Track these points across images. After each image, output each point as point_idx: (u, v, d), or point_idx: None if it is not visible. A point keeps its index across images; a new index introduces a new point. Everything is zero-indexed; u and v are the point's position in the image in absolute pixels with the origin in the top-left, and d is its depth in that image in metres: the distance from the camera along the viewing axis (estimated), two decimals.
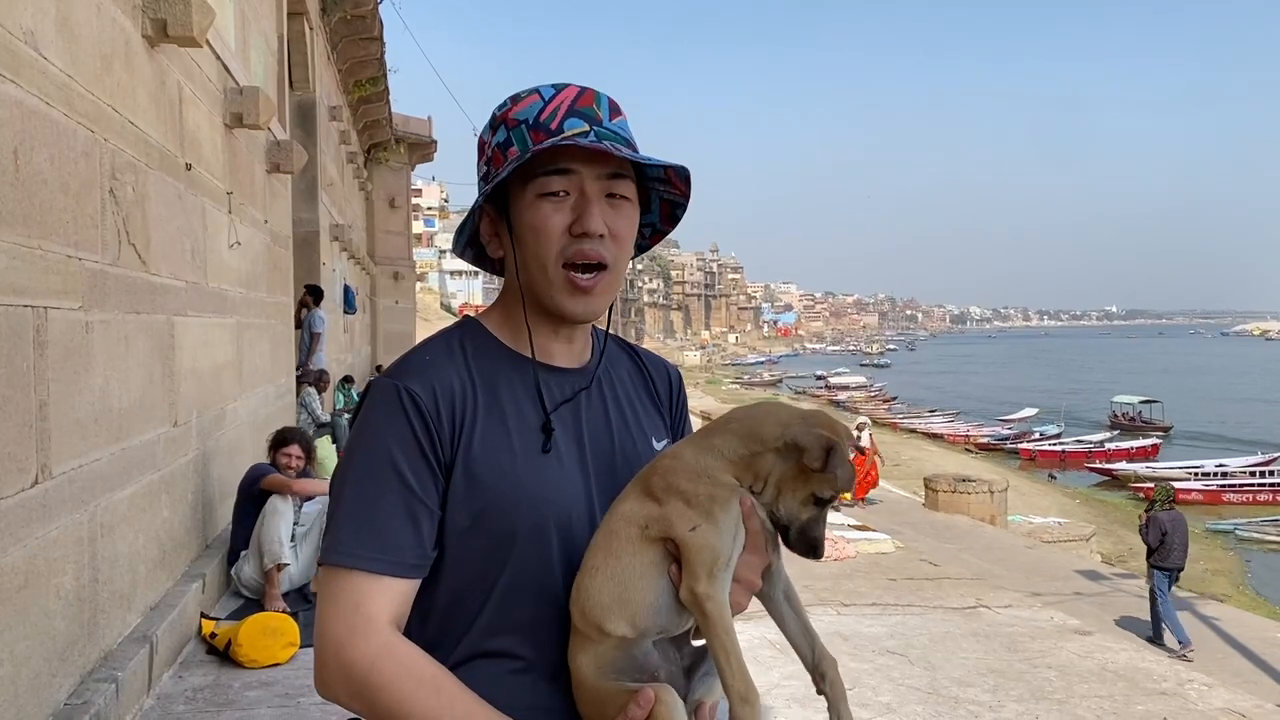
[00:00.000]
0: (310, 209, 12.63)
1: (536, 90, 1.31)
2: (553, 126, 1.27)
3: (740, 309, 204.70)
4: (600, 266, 1.29)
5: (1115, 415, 52.32)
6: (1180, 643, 10.65)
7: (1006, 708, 5.44)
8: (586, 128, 1.27)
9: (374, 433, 1.24)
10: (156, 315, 4.72)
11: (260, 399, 7.81)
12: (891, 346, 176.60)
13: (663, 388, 1.51)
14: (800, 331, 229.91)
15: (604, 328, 1.47)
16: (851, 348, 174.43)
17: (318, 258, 12.85)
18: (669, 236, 1.48)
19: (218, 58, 6.20)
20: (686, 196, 1.40)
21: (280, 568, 5.60)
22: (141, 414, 4.43)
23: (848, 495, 16.96)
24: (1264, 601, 18.17)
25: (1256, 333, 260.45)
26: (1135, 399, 53.10)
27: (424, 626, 1.26)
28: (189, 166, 5.36)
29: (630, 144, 1.31)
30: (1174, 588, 11.72)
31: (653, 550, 1.19)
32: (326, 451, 10.23)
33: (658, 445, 1.43)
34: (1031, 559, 15.72)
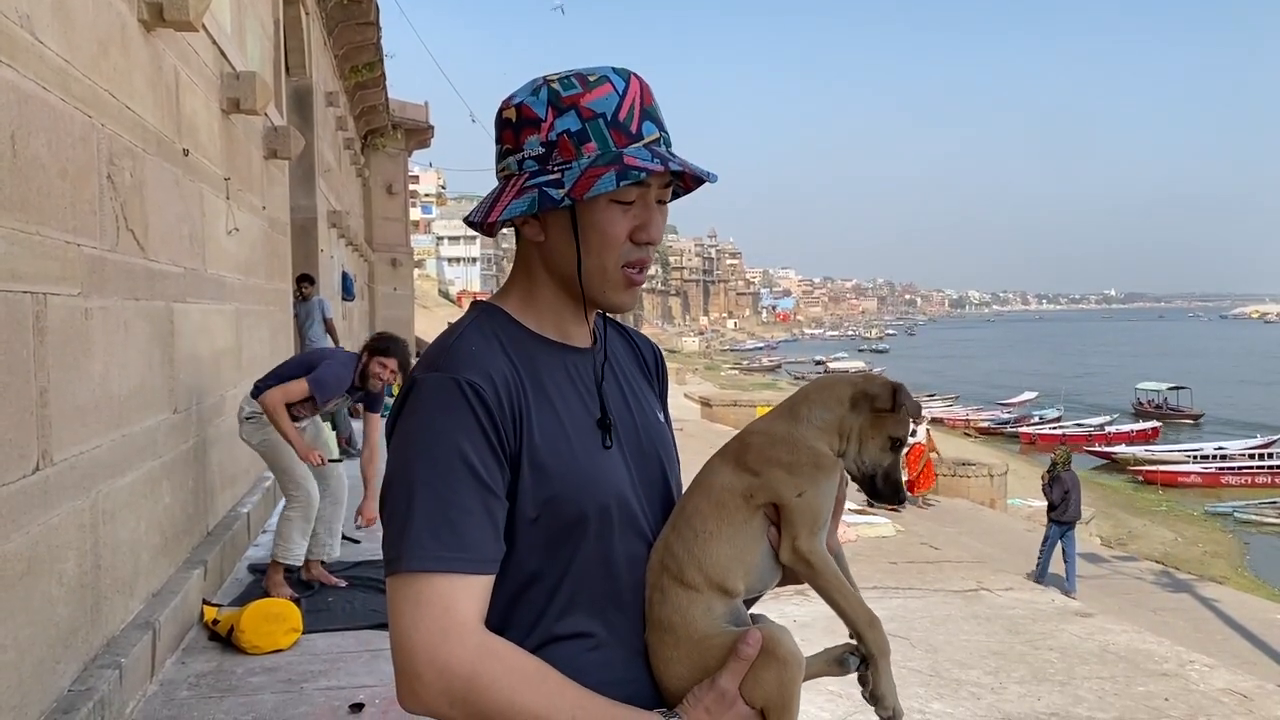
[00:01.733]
0: (308, 195, 12.60)
1: (607, 79, 1.27)
2: (633, 129, 1.25)
3: (739, 295, 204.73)
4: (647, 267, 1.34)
5: (1140, 402, 49.84)
6: (1066, 586, 12.26)
7: (1008, 689, 5.45)
8: (657, 134, 1.28)
9: (438, 428, 1.21)
10: (155, 301, 4.71)
11: None
12: (890, 331, 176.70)
13: (650, 361, 1.55)
14: (799, 317, 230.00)
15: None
16: (850, 333, 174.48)
17: (315, 244, 12.83)
18: (667, 221, 1.48)
19: (214, 42, 6.16)
20: (689, 191, 1.40)
21: (281, 564, 5.49)
22: (142, 401, 4.42)
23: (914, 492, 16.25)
24: (1263, 584, 18.23)
25: (1255, 315, 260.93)
26: (1162, 385, 50.32)
27: (488, 616, 1.22)
28: (186, 152, 5.34)
29: None
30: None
31: (758, 516, 1.29)
32: (327, 436, 10.22)
33: (661, 418, 1.47)
34: (1031, 542, 15.73)
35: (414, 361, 4.22)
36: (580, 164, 1.23)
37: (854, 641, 1.30)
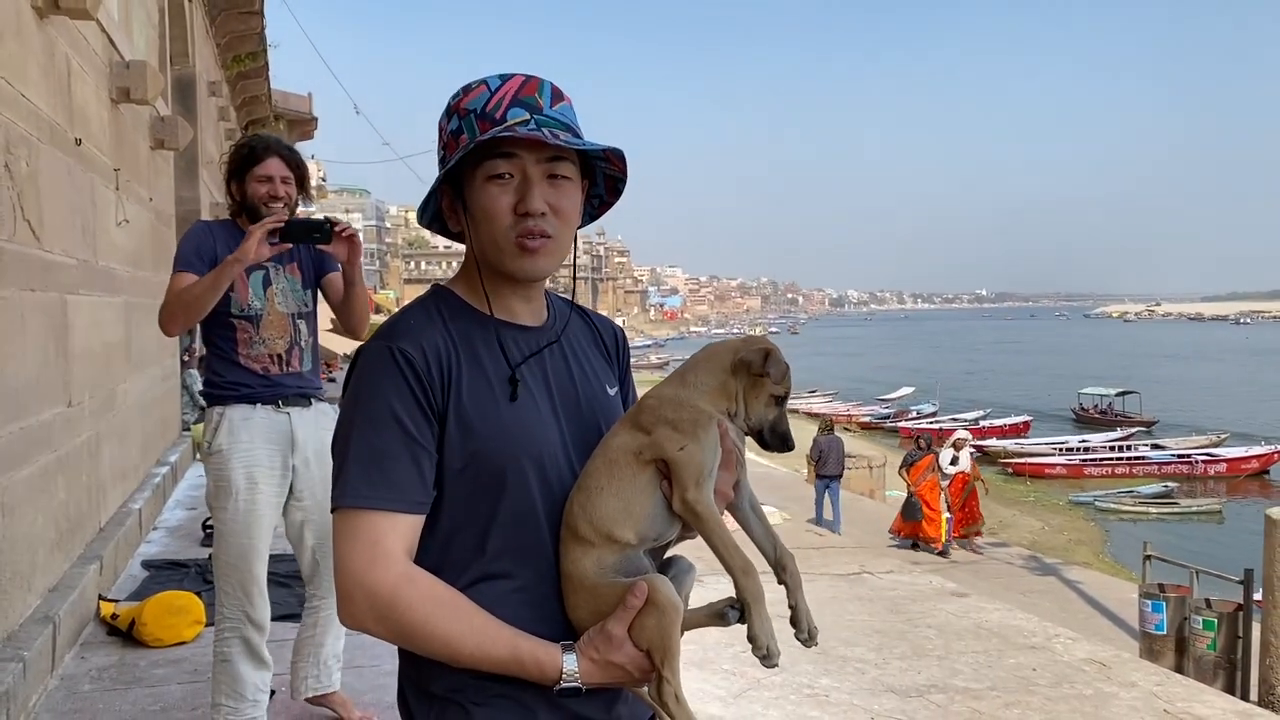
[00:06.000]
0: (191, 187, 12.29)
1: (484, 82, 1.45)
2: (497, 116, 1.41)
3: (627, 292, 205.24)
4: (544, 237, 1.44)
5: (1084, 408, 46.55)
6: (833, 528, 15.29)
7: (890, 664, 5.77)
8: (527, 116, 1.42)
9: (373, 389, 1.38)
10: (50, 293, 4.64)
11: (148, 380, 7.65)
12: (774, 329, 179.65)
13: (610, 342, 1.69)
14: (686, 315, 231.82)
15: (562, 295, 1.63)
16: (735, 331, 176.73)
17: None
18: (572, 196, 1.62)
19: (103, 30, 6.04)
20: (624, 173, 1.56)
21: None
22: (38, 394, 4.36)
23: (942, 538, 14.95)
24: (1122, 567, 19.23)
25: (1115, 315, 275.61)
26: (1109, 390, 46.27)
27: (425, 556, 1.40)
28: (79, 141, 5.25)
29: (571, 128, 1.45)
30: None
31: (648, 471, 1.41)
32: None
33: (611, 392, 1.61)
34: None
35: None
36: (456, 155, 1.42)
37: (733, 596, 1.41)
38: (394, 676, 3.80)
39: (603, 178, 1.59)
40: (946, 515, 15.23)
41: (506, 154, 1.41)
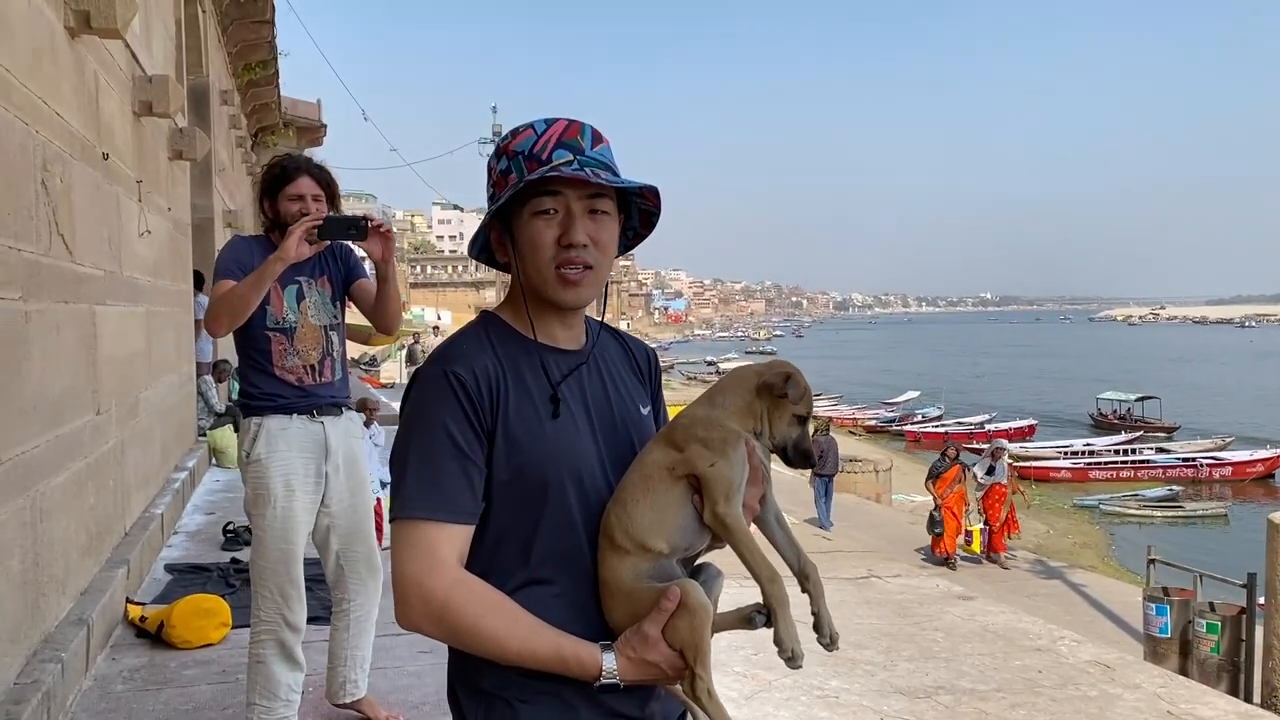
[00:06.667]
0: (204, 195, 12.43)
1: (531, 125, 1.59)
2: (543, 157, 1.55)
3: (631, 296, 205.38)
4: (586, 268, 1.57)
5: (1102, 413, 44.73)
6: (824, 527, 15.66)
7: (899, 666, 5.89)
8: (571, 157, 1.55)
9: (428, 409, 1.52)
10: (81, 304, 4.77)
11: (167, 387, 7.79)
12: (778, 333, 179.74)
13: (643, 364, 1.81)
14: (690, 318, 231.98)
15: (597, 317, 1.74)
16: (739, 334, 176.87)
17: (213, 244, 12.66)
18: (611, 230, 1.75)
19: (127, 46, 6.18)
20: (658, 207, 1.69)
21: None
22: (70, 402, 4.49)
23: (976, 548, 14.95)
24: (1127, 571, 19.28)
25: (1120, 318, 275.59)
26: (1129, 395, 44.56)
27: (475, 562, 1.53)
28: (106, 156, 5.38)
29: (610, 167, 1.59)
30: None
31: (680, 485, 1.52)
32: (229, 441, 10.16)
33: (644, 411, 1.73)
34: (916, 534, 16.47)
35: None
36: (506, 193, 1.56)
37: (760, 602, 1.51)
38: (418, 677, 3.97)
39: (637, 211, 1.72)
40: (981, 527, 15.31)
41: (552, 192, 1.54)
